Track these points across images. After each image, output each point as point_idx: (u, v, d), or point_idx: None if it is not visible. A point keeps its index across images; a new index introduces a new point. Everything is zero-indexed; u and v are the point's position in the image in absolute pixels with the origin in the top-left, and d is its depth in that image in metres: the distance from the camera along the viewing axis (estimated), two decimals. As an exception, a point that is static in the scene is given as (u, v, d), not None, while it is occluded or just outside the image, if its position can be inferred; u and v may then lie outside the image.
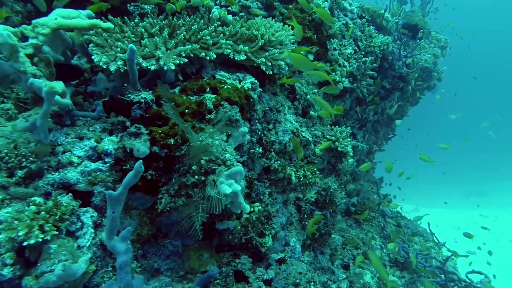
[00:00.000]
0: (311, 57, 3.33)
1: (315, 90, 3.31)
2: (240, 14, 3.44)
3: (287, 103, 2.79)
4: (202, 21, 2.39)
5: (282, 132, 2.50)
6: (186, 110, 1.84)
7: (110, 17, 2.24)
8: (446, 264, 5.96)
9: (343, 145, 2.95)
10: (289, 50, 2.52)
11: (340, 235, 5.28)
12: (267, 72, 2.42)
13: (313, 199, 2.80)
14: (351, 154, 3.10)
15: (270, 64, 2.42)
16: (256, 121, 2.39)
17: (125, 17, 2.35)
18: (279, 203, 2.60)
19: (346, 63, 3.76)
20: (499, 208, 18.29)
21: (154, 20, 2.34)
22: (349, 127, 3.12)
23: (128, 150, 1.66)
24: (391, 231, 6.38)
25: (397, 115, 9.81)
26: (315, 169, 2.62)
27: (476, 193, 23.95)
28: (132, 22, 2.27)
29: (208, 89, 2.08)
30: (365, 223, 5.61)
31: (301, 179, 2.52)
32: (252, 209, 2.29)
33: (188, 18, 2.45)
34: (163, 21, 2.36)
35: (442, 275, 4.97)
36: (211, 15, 2.62)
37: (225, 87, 2.10)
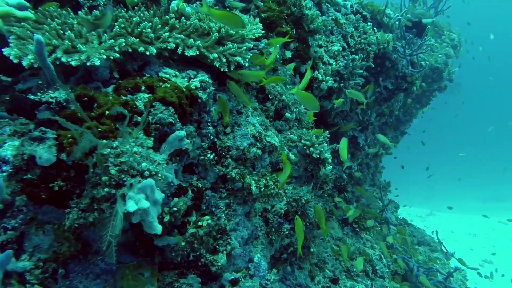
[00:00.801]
0: (288, 54, 3.05)
1: (293, 91, 3.02)
2: (215, 8, 3.20)
3: (253, 104, 2.52)
4: (147, 12, 2.15)
5: (240, 136, 2.23)
6: (107, 112, 1.60)
7: (52, 7, 2.03)
8: (453, 278, 5.56)
9: (318, 150, 2.65)
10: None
11: (335, 244, 4.97)
12: (222, 69, 2.16)
13: (282, 211, 2.52)
14: (330, 160, 2.80)
15: (225, 60, 2.16)
16: (208, 124, 2.13)
17: (68, 8, 2.13)
18: (240, 215, 2.33)
19: (332, 61, 3.45)
20: (520, 215, 17.37)
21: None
22: (327, 131, 2.82)
23: (27, 157, 1.43)
24: (396, 240, 6.02)
25: (406, 117, 9.40)
26: (279, 178, 2.34)
27: (495, 198, 23.01)
28: (73, 14, 2.05)
29: (143, 88, 1.83)
30: (363, 232, 5.28)
31: (262, 189, 2.25)
32: (201, 224, 2.03)
33: (145, 10, 2.22)
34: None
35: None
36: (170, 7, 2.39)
37: (163, 85, 1.85)
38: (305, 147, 2.70)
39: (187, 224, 1.98)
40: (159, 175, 1.54)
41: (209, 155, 2.10)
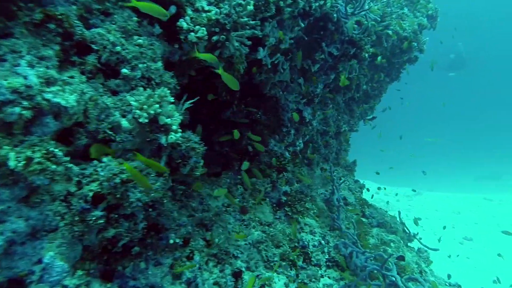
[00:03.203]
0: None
1: (140, 41, 2.36)
2: None
3: (43, 51, 1.85)
4: None
5: (-14, 91, 1.59)
6: None
7: None
8: (404, 262, 5.02)
9: (146, 114, 2.00)
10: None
11: (261, 230, 4.41)
12: None
13: (90, 194, 1.89)
14: (175, 127, 2.15)
15: None
16: None
17: None
18: (8, 200, 1.70)
19: (211, 8, 2.77)
20: (509, 191, 16.91)
21: None
22: (168, 90, 2.16)
23: None
24: (356, 220, 5.48)
25: (375, 91, 8.76)
26: (54, 150, 1.70)
27: (489, 177, 22.61)
28: None
29: None
30: (295, 215, 4.68)
31: (22, 163, 1.61)
32: None
33: None
34: None
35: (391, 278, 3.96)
36: None
37: None
38: (134, 110, 2.05)
39: None
40: None
41: None
